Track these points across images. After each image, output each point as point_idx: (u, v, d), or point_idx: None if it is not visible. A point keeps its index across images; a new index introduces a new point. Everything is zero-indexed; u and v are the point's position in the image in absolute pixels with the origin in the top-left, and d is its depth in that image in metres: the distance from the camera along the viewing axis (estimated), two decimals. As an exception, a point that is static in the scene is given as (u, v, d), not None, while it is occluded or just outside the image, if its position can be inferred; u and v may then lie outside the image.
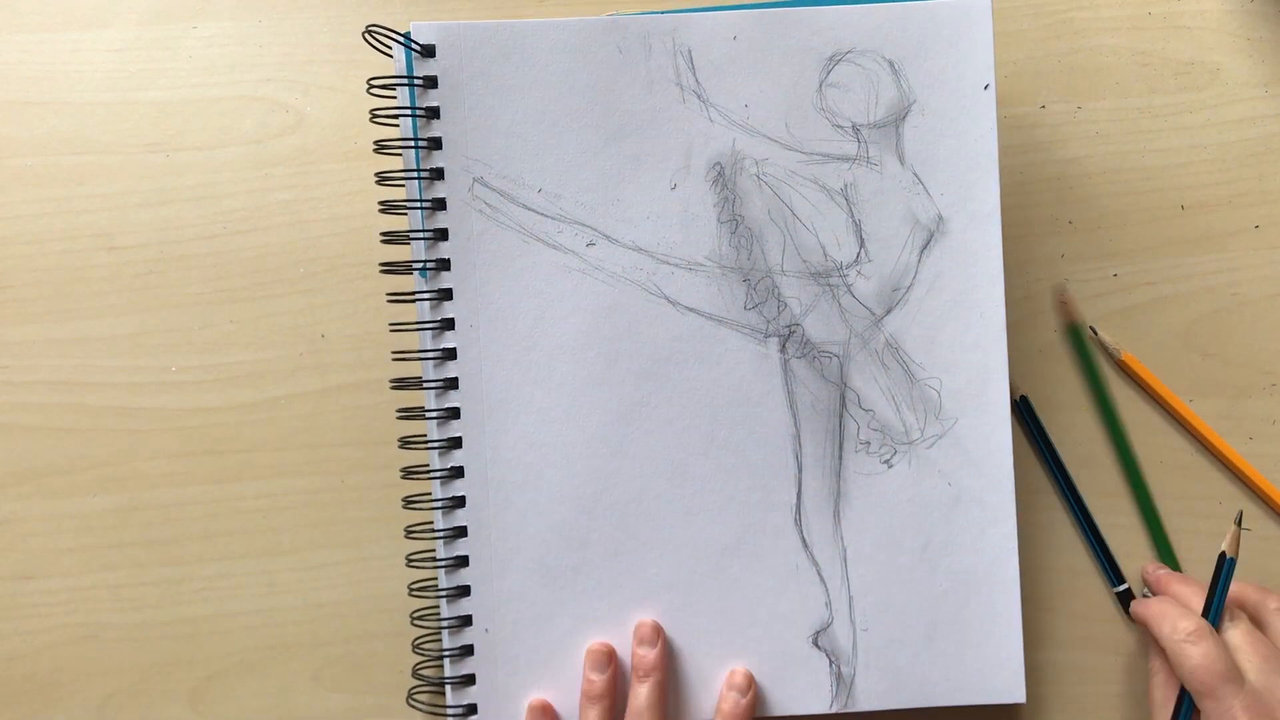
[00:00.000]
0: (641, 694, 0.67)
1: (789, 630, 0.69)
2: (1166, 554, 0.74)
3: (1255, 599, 0.69)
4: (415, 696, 0.71)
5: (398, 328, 0.69)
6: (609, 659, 0.68)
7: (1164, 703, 0.68)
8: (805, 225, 0.69)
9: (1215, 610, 0.67)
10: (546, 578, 0.69)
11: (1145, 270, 0.76)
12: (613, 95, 0.68)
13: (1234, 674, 0.63)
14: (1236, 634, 0.66)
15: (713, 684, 0.69)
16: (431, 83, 0.68)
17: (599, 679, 0.68)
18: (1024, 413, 0.74)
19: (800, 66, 0.68)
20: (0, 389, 0.74)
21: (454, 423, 0.69)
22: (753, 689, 0.69)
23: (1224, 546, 0.67)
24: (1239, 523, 0.68)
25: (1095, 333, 0.75)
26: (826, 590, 0.69)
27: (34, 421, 0.74)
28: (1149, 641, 0.70)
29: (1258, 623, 0.68)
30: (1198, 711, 0.64)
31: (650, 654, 0.68)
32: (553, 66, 0.68)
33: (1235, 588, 0.69)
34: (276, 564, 0.74)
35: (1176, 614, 0.66)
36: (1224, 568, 0.67)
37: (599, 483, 0.69)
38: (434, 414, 0.69)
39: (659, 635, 0.69)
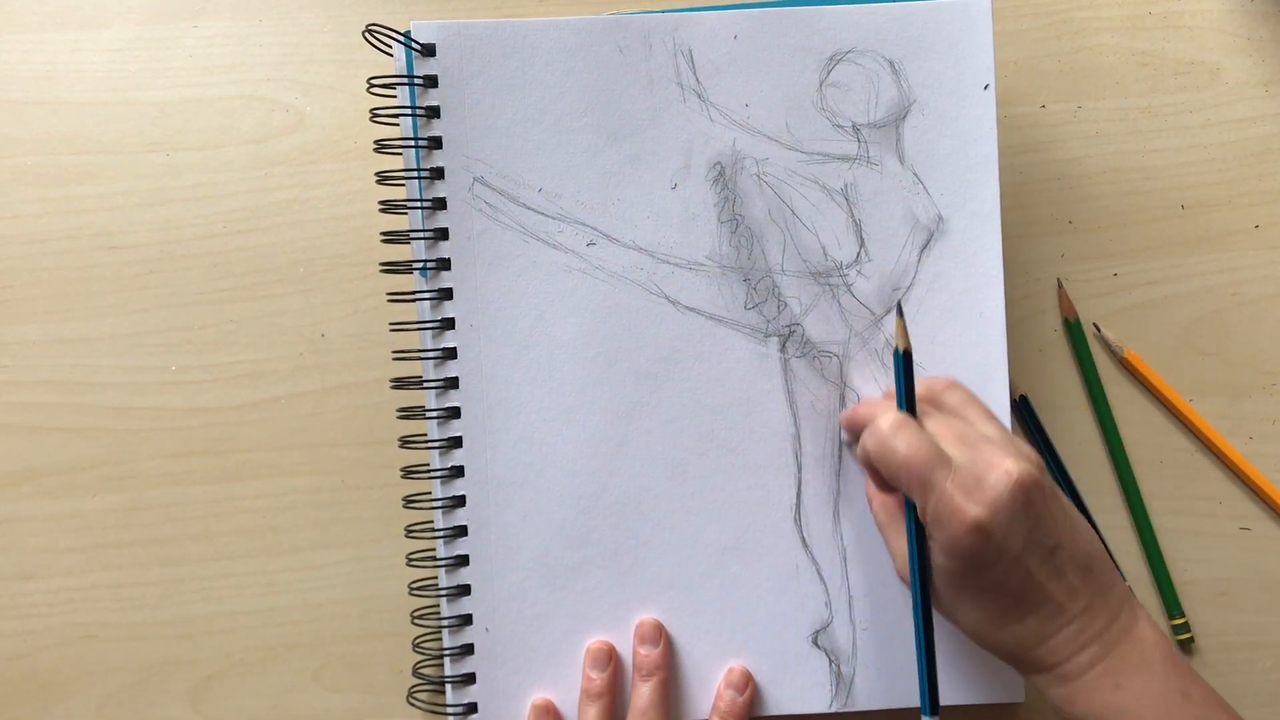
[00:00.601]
0: (645, 693, 0.68)
1: (789, 629, 0.69)
2: (1155, 557, 0.74)
3: (924, 391, 0.66)
4: (415, 695, 0.71)
5: (398, 327, 0.69)
6: (609, 657, 0.68)
7: (889, 521, 0.66)
8: (805, 225, 0.69)
9: (905, 399, 0.64)
10: (547, 577, 0.69)
11: (1145, 270, 0.76)
12: (613, 94, 0.68)
13: (940, 457, 0.60)
14: (929, 420, 0.64)
15: (711, 683, 0.69)
16: (432, 82, 0.68)
17: (599, 677, 0.68)
18: (1024, 412, 0.74)
19: (801, 66, 0.69)
20: (0, 389, 0.74)
21: (454, 422, 0.69)
22: (750, 687, 0.69)
23: (895, 341, 0.65)
24: (900, 313, 0.65)
25: (1098, 329, 0.75)
26: (826, 590, 0.69)
27: (34, 421, 0.74)
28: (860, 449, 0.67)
29: (940, 409, 0.66)
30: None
31: (653, 653, 0.68)
32: (553, 66, 0.68)
33: (919, 383, 0.66)
34: (276, 564, 0.74)
35: (875, 414, 0.64)
36: (899, 361, 0.64)
37: (599, 482, 0.69)
38: (434, 413, 0.69)
39: (661, 634, 0.69)
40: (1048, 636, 0.60)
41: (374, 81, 0.67)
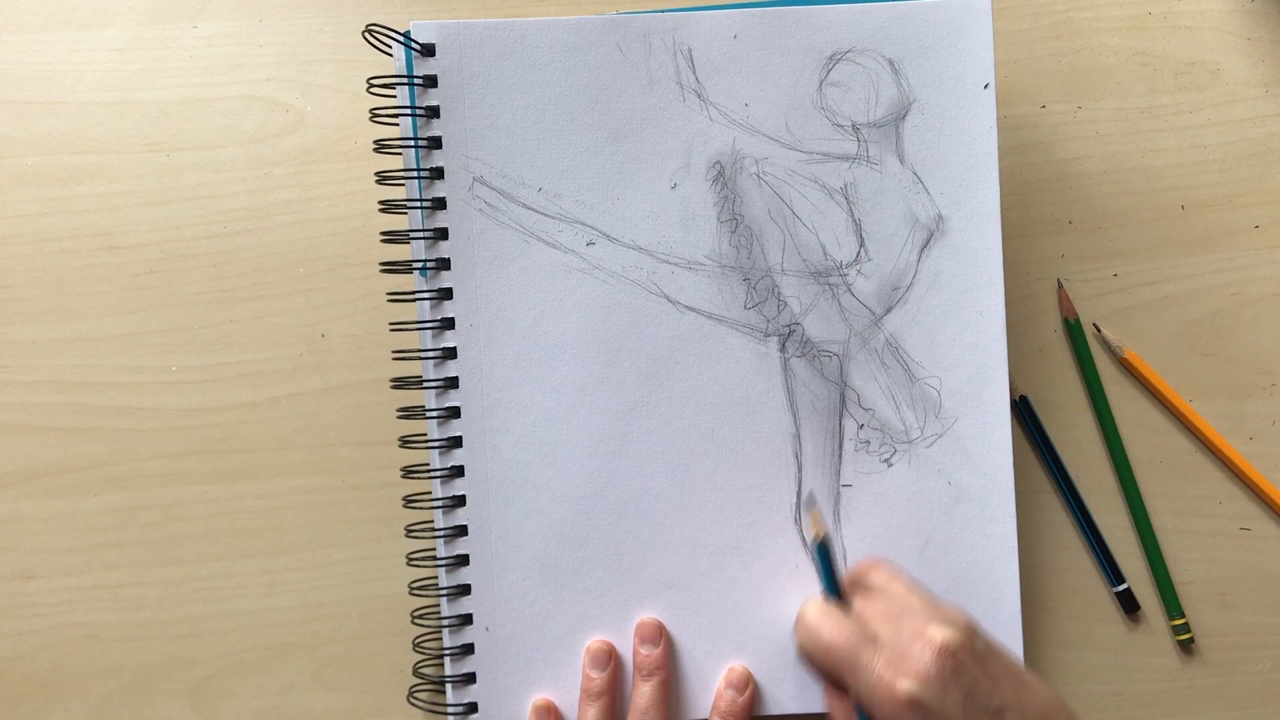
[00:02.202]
0: (646, 692, 0.68)
1: (789, 629, 0.69)
2: (1155, 557, 0.74)
3: (853, 573, 0.68)
4: (416, 695, 0.71)
5: (398, 327, 0.69)
6: (609, 656, 0.68)
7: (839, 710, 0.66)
8: (805, 224, 0.69)
9: (829, 583, 0.67)
10: (547, 576, 0.69)
11: (1145, 270, 0.76)
12: (613, 94, 0.68)
13: (866, 637, 0.61)
14: (858, 603, 0.65)
15: (712, 682, 0.69)
16: (431, 82, 0.68)
17: (599, 676, 0.68)
18: (1023, 412, 0.74)
19: (800, 65, 0.69)
20: (0, 389, 0.74)
21: (454, 422, 0.69)
22: (750, 686, 0.69)
23: (810, 534, 0.67)
24: (811, 506, 0.68)
25: (1099, 329, 0.75)
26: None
27: (34, 421, 0.74)
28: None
29: (868, 589, 0.67)
30: None
31: (654, 653, 0.68)
32: (553, 65, 0.68)
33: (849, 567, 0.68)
34: (276, 564, 0.74)
35: (802, 612, 0.66)
36: (820, 552, 0.67)
37: (599, 481, 0.69)
38: (434, 413, 0.69)
39: (661, 634, 0.69)
40: None
41: (374, 81, 0.67)
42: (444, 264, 0.68)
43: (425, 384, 0.69)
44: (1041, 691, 0.60)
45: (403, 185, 0.69)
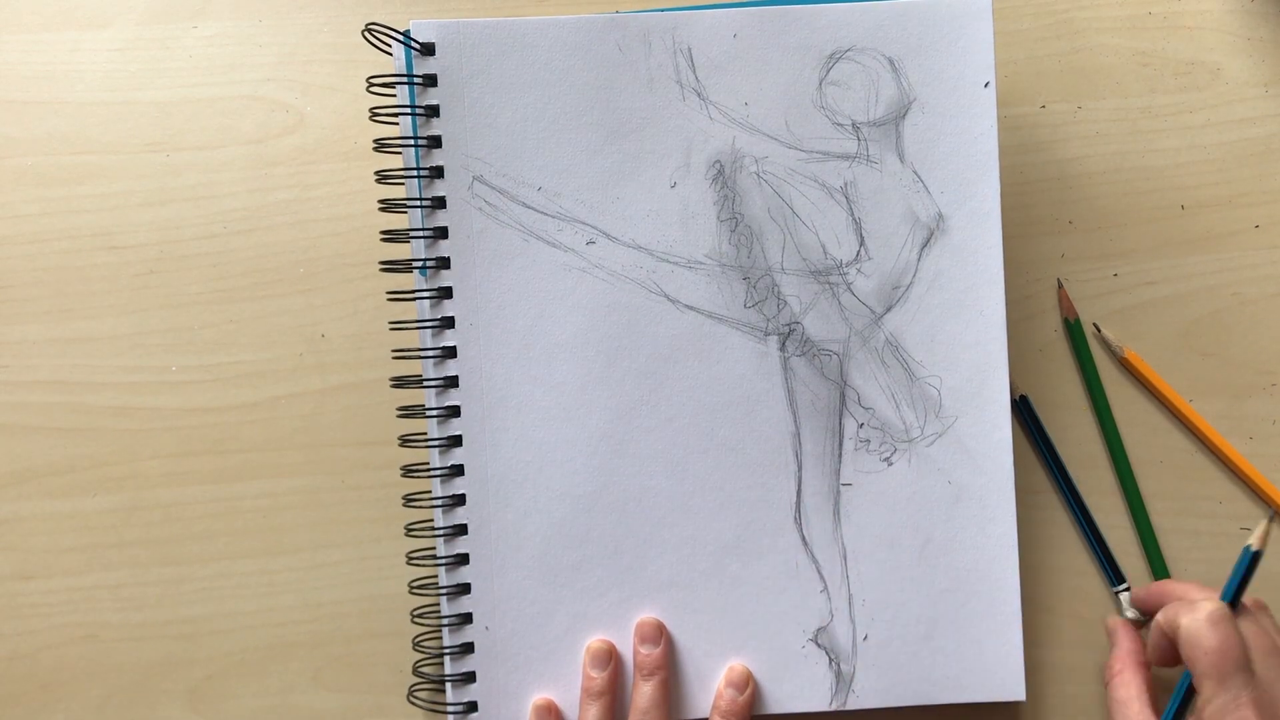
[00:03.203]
0: (646, 692, 0.68)
1: (789, 628, 0.69)
2: (1156, 559, 0.74)
3: (1251, 600, 0.67)
4: (416, 694, 0.71)
5: (398, 326, 0.69)
6: (609, 656, 0.68)
7: (1129, 700, 0.67)
8: (805, 223, 0.69)
9: (1236, 594, 0.65)
10: (547, 575, 0.69)
11: (1145, 270, 0.76)
12: (613, 93, 0.68)
13: (1247, 663, 0.61)
14: (1246, 624, 0.64)
15: (712, 682, 0.69)
16: (431, 81, 0.68)
17: (599, 676, 0.68)
18: (1024, 412, 0.74)
19: (800, 64, 0.69)
20: (0, 389, 0.74)
21: (454, 421, 0.69)
22: (750, 686, 0.69)
23: (1252, 542, 0.65)
24: (1272, 519, 0.66)
25: (1099, 329, 0.75)
26: (826, 588, 0.69)
27: (34, 421, 0.74)
28: (1116, 637, 0.71)
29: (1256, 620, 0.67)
30: (1186, 705, 0.64)
31: (654, 652, 0.68)
32: (552, 64, 0.68)
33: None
34: (276, 564, 0.74)
35: (1199, 595, 0.65)
36: (1247, 560, 0.65)
37: (599, 480, 0.69)
38: (434, 412, 0.69)
39: (662, 633, 0.69)
40: None
41: (373, 81, 0.67)
42: (444, 263, 0.68)
43: (425, 383, 0.69)
44: None
45: (402, 184, 0.69)
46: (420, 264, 0.69)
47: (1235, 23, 0.77)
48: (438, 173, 0.68)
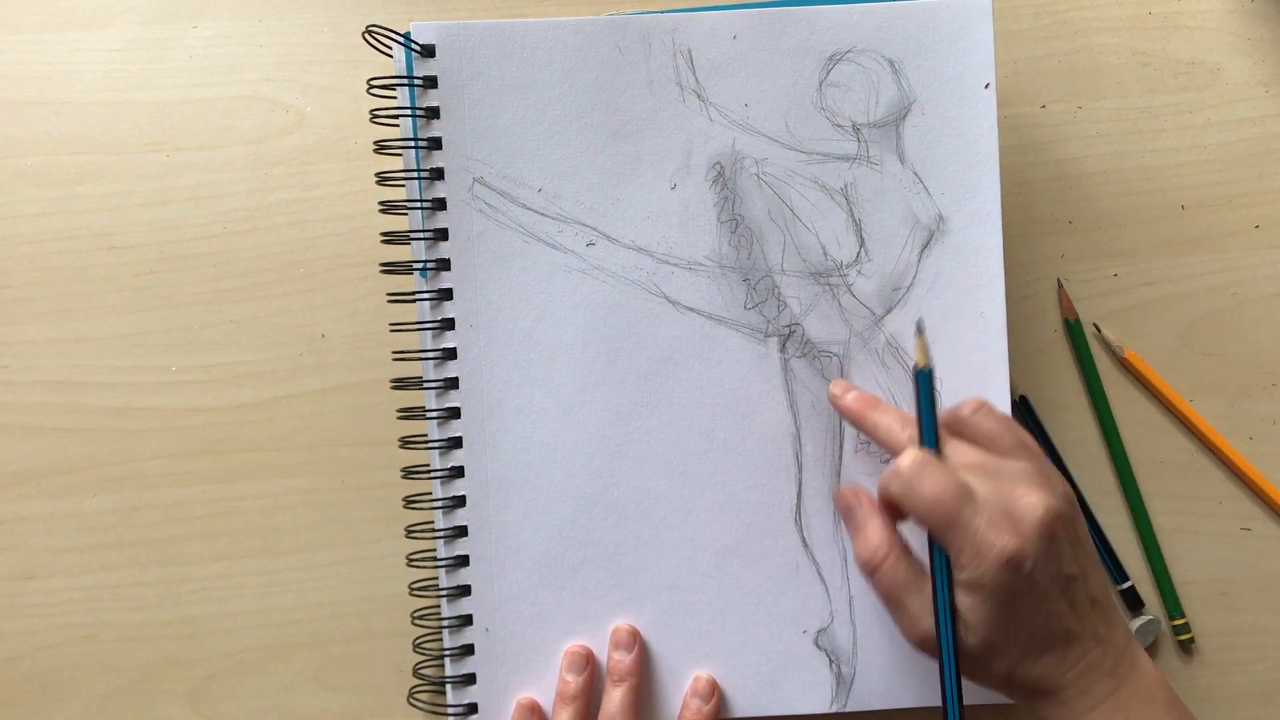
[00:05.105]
0: (615, 698, 0.68)
1: (789, 630, 0.69)
2: (1156, 559, 0.74)
3: (948, 415, 0.65)
4: (416, 696, 0.71)
5: (398, 328, 0.69)
6: (586, 661, 0.68)
7: (905, 585, 0.62)
8: (805, 225, 0.69)
9: (930, 430, 0.63)
10: (547, 577, 0.69)
11: (1145, 270, 0.76)
12: (613, 95, 0.68)
13: (967, 492, 0.59)
14: (952, 451, 0.63)
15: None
16: (431, 83, 0.68)
17: (574, 680, 0.68)
18: (1024, 412, 0.74)
19: (800, 66, 0.69)
20: (0, 389, 0.74)
21: (454, 422, 0.69)
22: (716, 695, 0.69)
23: (915, 359, 0.63)
24: (921, 331, 0.64)
25: (1099, 329, 0.75)
26: (827, 590, 0.69)
27: (34, 421, 0.74)
28: (860, 521, 0.65)
29: (962, 436, 0.64)
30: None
31: (626, 659, 0.68)
32: (553, 66, 0.68)
33: (946, 409, 0.65)
34: (276, 564, 0.74)
35: (899, 464, 0.62)
36: (922, 383, 0.63)
37: (599, 482, 0.69)
38: (434, 414, 0.69)
39: (636, 640, 0.69)
40: (1067, 670, 0.60)
41: (374, 82, 0.67)
42: (444, 265, 0.68)
43: (425, 385, 0.69)
44: (1101, 574, 0.62)
45: (403, 186, 0.69)
46: (421, 265, 0.68)
47: (1235, 23, 0.77)
48: (438, 174, 0.68)
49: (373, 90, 0.67)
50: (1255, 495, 0.75)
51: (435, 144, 0.68)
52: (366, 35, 0.67)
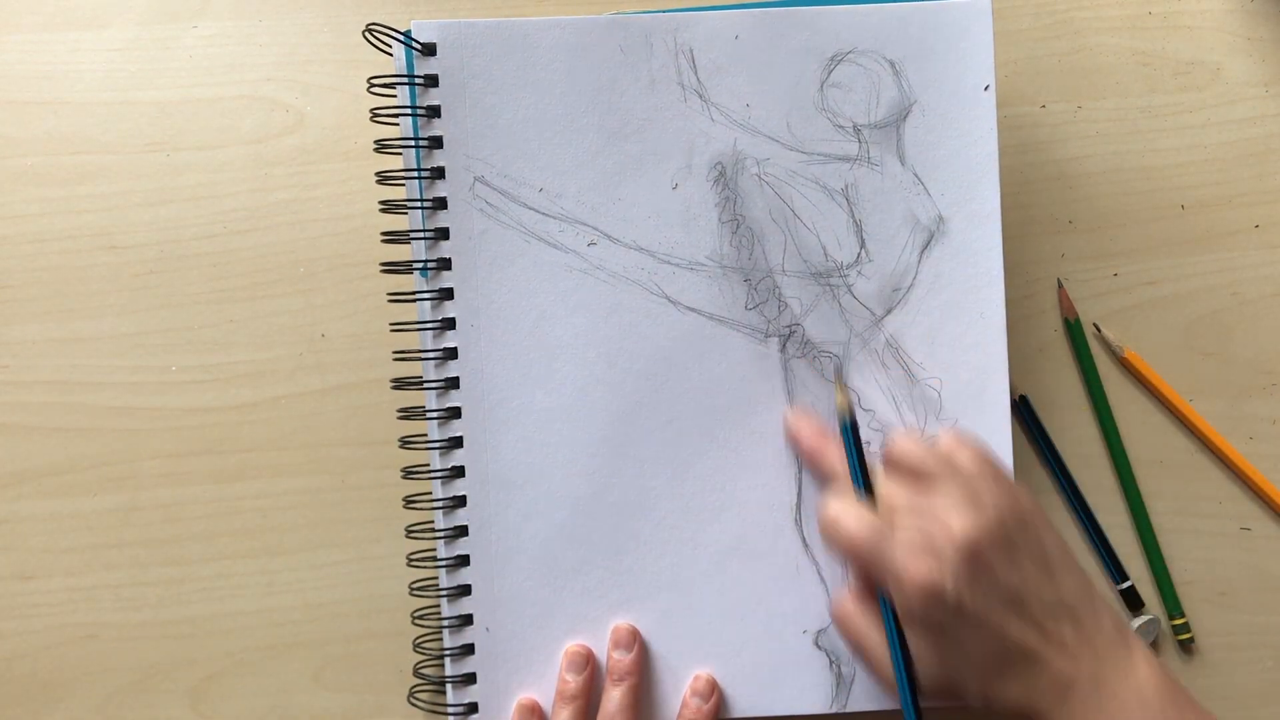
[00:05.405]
0: (615, 697, 0.68)
1: (789, 630, 0.69)
2: (1156, 559, 0.74)
3: (885, 449, 0.67)
4: (416, 695, 0.71)
5: (398, 328, 0.69)
6: (586, 661, 0.68)
7: (859, 631, 0.65)
8: (806, 225, 0.69)
9: (858, 474, 0.66)
10: (547, 577, 0.69)
11: (1145, 270, 0.76)
12: (614, 94, 0.68)
13: (883, 529, 0.62)
14: (881, 487, 0.65)
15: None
16: (432, 81, 0.68)
17: (574, 680, 0.68)
18: (1024, 412, 0.74)
19: (802, 66, 0.69)
20: (0, 389, 0.74)
21: (455, 422, 0.69)
22: (715, 694, 0.69)
23: (837, 407, 0.66)
24: (839, 376, 0.67)
25: (1099, 329, 0.75)
26: (827, 590, 0.69)
27: (34, 421, 0.74)
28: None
29: (894, 468, 0.66)
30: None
31: (626, 658, 0.68)
32: (554, 65, 0.68)
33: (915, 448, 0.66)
34: (276, 564, 0.74)
35: (821, 505, 0.65)
36: (845, 433, 0.66)
37: (599, 482, 0.69)
38: (435, 414, 0.69)
39: (635, 640, 0.69)
40: (1040, 689, 0.60)
41: (374, 81, 0.67)
42: (445, 264, 0.68)
43: (426, 384, 0.69)
44: (1071, 579, 0.61)
45: (403, 185, 0.69)
46: (421, 265, 0.68)
47: (1235, 23, 0.77)
48: (439, 174, 0.68)
49: (373, 89, 0.67)
50: (1255, 495, 0.75)
51: (436, 143, 0.68)
52: (367, 34, 0.67)
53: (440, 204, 0.68)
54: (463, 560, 0.69)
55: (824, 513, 0.65)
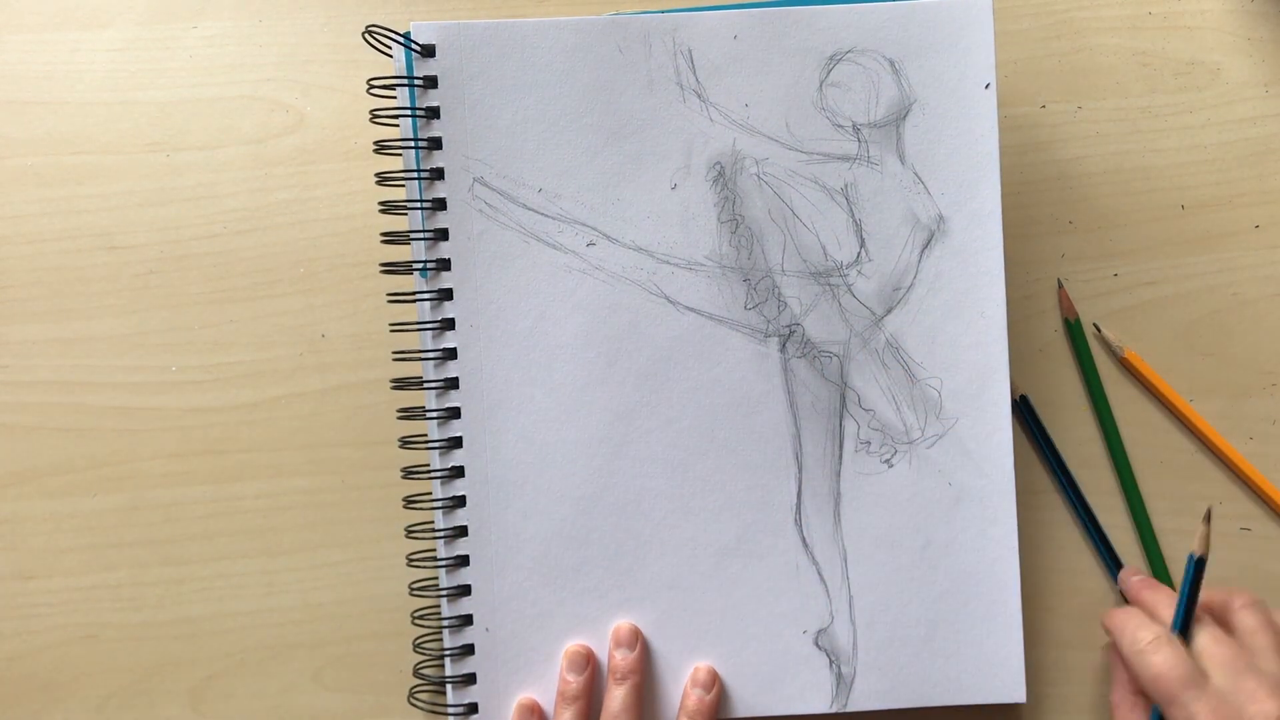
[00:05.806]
0: (618, 696, 0.68)
1: (789, 630, 0.69)
2: (1156, 558, 0.74)
3: (1221, 600, 0.68)
4: (416, 696, 0.71)
5: (398, 328, 0.69)
6: (587, 660, 0.68)
7: (1126, 709, 0.67)
8: (805, 225, 0.69)
9: (1183, 614, 0.66)
10: (547, 577, 0.69)
11: (1145, 270, 0.76)
12: (613, 95, 0.68)
13: (1195, 679, 0.62)
14: (1202, 637, 0.64)
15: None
16: (431, 83, 0.68)
17: (575, 680, 0.68)
18: (1024, 412, 0.74)
19: (801, 66, 0.69)
20: (0, 389, 0.74)
21: (454, 422, 0.69)
22: (716, 685, 0.69)
23: (1193, 547, 0.66)
24: (1208, 520, 0.66)
25: (1099, 329, 0.75)
26: (827, 590, 0.69)
27: (34, 421, 0.74)
28: (1114, 670, 0.70)
29: (1225, 625, 0.66)
30: None
31: (629, 657, 0.68)
32: (553, 66, 0.68)
33: (1203, 593, 0.67)
34: (276, 564, 0.74)
35: (1136, 624, 0.66)
36: (1191, 569, 0.66)
37: (599, 482, 0.69)
38: (434, 414, 0.69)
39: (637, 638, 0.69)
40: None
41: (374, 82, 0.67)
42: (444, 265, 0.68)
43: (425, 385, 0.69)
44: None
45: (403, 186, 0.69)
46: (421, 266, 0.68)
47: (1235, 23, 0.77)
48: (438, 174, 0.68)
49: (373, 90, 0.67)
50: (1255, 495, 0.75)
51: (435, 144, 0.68)
52: (366, 35, 0.67)
53: (439, 205, 0.68)
54: (463, 560, 0.69)
55: (1137, 639, 0.65)
